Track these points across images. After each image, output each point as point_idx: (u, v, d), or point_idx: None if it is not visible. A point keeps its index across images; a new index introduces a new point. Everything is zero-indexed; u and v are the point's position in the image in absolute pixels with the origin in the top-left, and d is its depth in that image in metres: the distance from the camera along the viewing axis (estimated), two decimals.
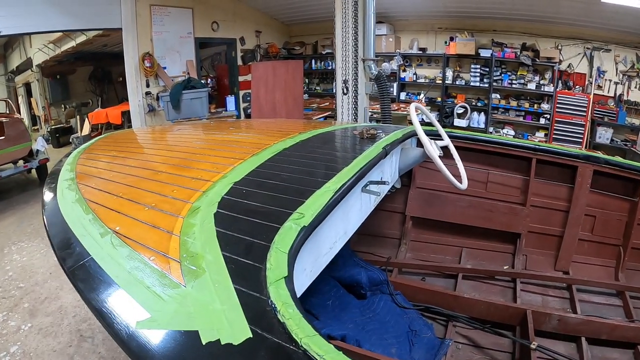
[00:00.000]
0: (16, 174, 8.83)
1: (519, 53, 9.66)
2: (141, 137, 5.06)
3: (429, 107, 10.74)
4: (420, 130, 2.90)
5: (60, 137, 12.59)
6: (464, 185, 3.01)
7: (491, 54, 9.90)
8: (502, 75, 10.09)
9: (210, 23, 10.34)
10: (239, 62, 11.45)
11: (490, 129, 10.37)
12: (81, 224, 2.04)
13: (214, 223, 1.82)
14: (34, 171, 9.30)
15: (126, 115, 10.56)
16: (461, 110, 10.50)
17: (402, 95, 11.29)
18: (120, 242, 1.79)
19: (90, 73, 14.88)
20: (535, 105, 9.79)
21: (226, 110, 9.66)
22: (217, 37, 10.64)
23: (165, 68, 9.33)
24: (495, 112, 10.38)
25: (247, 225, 1.82)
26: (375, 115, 7.96)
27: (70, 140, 11.31)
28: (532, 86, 9.71)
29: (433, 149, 2.90)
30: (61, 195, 2.49)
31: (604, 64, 8.96)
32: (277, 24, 12.40)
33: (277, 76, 7.79)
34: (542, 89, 9.57)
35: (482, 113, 10.48)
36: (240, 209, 1.97)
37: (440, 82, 10.79)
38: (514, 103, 10.11)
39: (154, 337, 1.25)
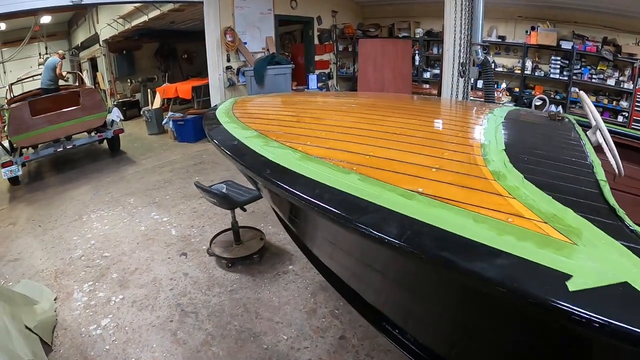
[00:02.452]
0: (88, 144, 8.29)
1: (600, 47, 8.85)
2: (296, 100, 4.41)
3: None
4: (597, 116, 2.65)
5: (127, 110, 12.19)
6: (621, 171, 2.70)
7: (572, 46, 9.08)
8: (583, 68, 9.27)
9: (289, 0, 9.72)
10: (316, 42, 10.78)
11: None
12: (342, 180, 1.72)
13: (535, 186, 1.61)
14: (105, 142, 8.80)
15: (196, 90, 9.92)
16: (539, 102, 9.51)
17: (479, 83, 10.36)
18: (440, 203, 1.48)
19: (155, 49, 14.54)
20: (614, 102, 8.98)
21: (308, 89, 8.97)
22: (295, 15, 10.04)
23: (245, 43, 8.71)
24: (573, 106, 9.52)
25: (567, 189, 1.66)
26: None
27: (142, 113, 10.85)
28: (611, 82, 8.87)
29: (606, 134, 2.59)
30: (259, 148, 2.18)
31: None
32: (352, 5, 11.73)
33: (386, 55, 7.19)
34: (621, 86, 8.74)
35: (560, 106, 9.44)
36: (543, 174, 1.77)
37: (519, 72, 9.89)
38: (592, 98, 9.18)
39: (591, 297, 1.08)
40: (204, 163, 7.84)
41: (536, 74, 9.83)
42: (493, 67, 9.91)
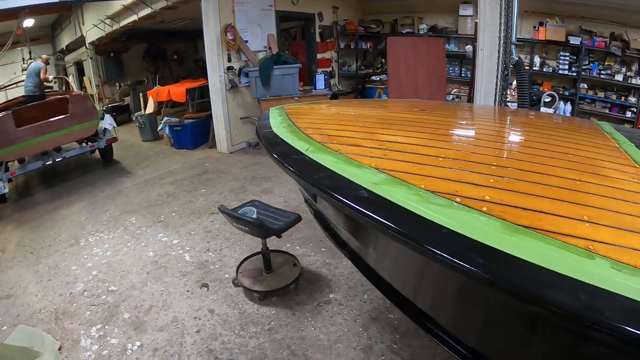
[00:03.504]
0: (79, 155, 7.53)
1: (608, 42, 8.59)
2: (379, 116, 3.45)
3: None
4: None
5: (117, 115, 11.26)
6: None
7: (581, 42, 8.76)
8: (591, 64, 8.94)
9: None
10: (317, 39, 10.14)
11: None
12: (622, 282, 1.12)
13: None
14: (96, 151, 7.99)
15: (190, 93, 9.17)
16: (548, 99, 9.18)
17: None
18: None
19: (144, 51, 13.63)
20: (623, 98, 8.71)
21: (315, 89, 8.24)
22: (296, 11, 9.35)
23: (246, 42, 7.96)
24: (582, 102, 9.25)
25: None
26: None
27: (134, 119, 9.96)
28: (619, 77, 8.61)
29: None
30: (415, 205, 1.47)
31: None
32: (352, 0, 11.11)
33: (419, 54, 6.51)
34: (629, 81, 8.52)
35: (569, 103, 9.31)
36: None
37: (527, 68, 9.35)
38: (601, 94, 8.98)
39: None
40: (208, 172, 7.10)
41: (544, 70, 9.42)
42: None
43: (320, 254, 4.32)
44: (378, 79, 10.85)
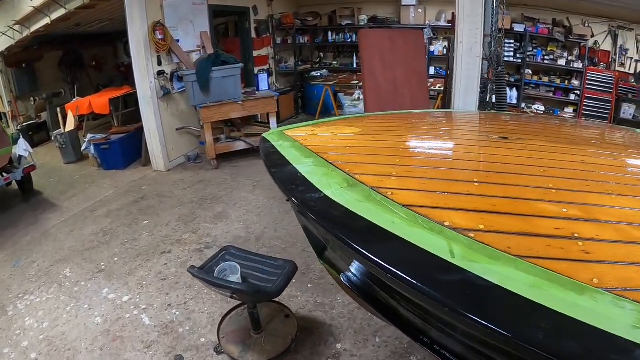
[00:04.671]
0: None
1: (551, 29, 9.02)
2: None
3: None
4: None
5: (34, 135, 9.74)
6: None
7: (525, 29, 9.10)
8: (535, 50, 9.30)
9: None
10: (253, 35, 9.29)
11: (522, 105, 9.58)
12: None
13: None
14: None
15: (114, 103, 8.13)
16: None
17: (432, 70, 9.75)
18: None
19: (60, 59, 11.89)
20: (566, 82, 9.16)
21: (258, 90, 7.45)
22: (230, 5, 8.51)
23: (178, 41, 6.96)
24: (527, 87, 9.57)
25: None
26: None
27: (53, 138, 8.55)
28: (562, 62, 9.06)
29: None
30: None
31: (627, 42, 8.53)
32: None
33: (396, 49, 5.78)
34: (571, 65, 8.99)
35: (514, 89, 9.54)
36: None
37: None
38: (545, 79, 9.36)
39: None
40: (147, 198, 6.09)
41: None
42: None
43: (309, 293, 3.64)
44: (319, 74, 10.20)
